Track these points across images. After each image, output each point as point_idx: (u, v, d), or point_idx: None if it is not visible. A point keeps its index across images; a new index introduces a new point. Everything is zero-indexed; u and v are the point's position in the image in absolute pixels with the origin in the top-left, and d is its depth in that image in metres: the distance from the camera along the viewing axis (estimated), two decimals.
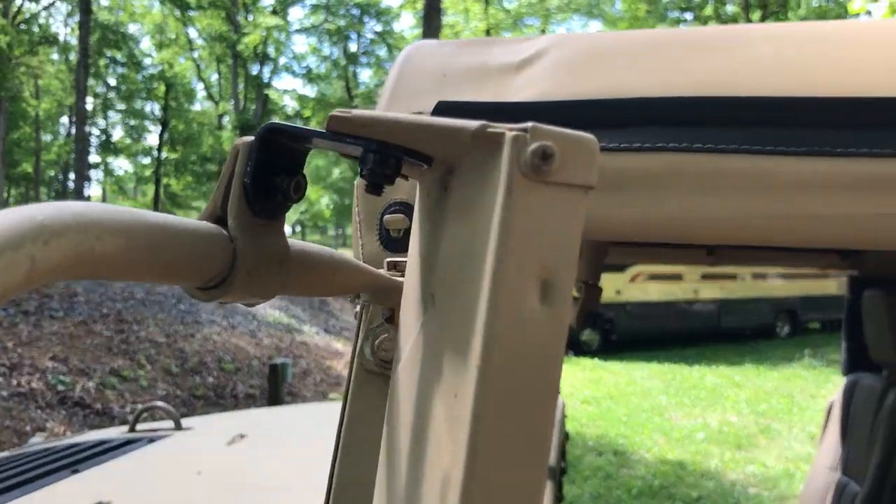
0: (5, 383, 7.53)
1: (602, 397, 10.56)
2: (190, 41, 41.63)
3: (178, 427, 2.73)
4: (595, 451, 7.91)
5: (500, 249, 0.31)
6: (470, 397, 0.33)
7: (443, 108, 0.68)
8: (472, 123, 0.34)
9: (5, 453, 2.63)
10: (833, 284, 16.97)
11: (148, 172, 45.89)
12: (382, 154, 0.38)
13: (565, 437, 2.92)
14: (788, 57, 0.67)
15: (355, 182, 0.71)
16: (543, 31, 31.72)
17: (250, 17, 36.80)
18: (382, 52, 40.25)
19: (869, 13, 7.12)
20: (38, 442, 3.10)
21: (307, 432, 2.74)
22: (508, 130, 0.33)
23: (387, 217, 0.68)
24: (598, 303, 1.86)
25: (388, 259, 0.61)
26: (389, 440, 0.49)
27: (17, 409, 7.10)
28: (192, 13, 38.95)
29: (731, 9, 22.55)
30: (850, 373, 2.98)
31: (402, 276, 0.56)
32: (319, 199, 45.63)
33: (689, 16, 23.34)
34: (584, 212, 0.33)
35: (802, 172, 0.62)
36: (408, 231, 0.70)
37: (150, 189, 46.73)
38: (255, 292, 0.40)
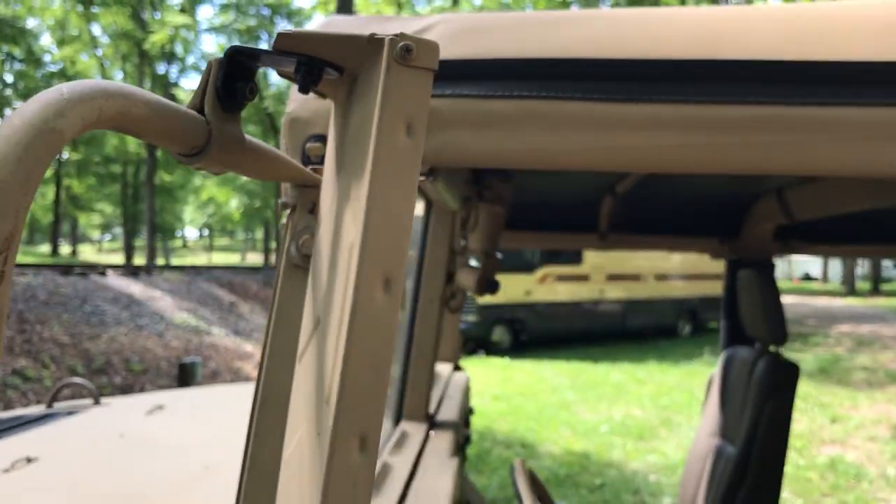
0: None
1: (512, 394, 10.85)
2: (94, 38, 40.38)
3: (97, 403, 2.81)
4: (504, 444, 8.16)
5: (382, 109, 0.50)
6: (353, 271, 0.51)
7: None
8: (366, 34, 0.53)
9: None
10: None
11: (48, 173, 44.24)
12: (309, 66, 0.56)
13: (469, 410, 3.12)
14: (614, 29, 0.88)
15: (282, 120, 0.88)
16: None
17: (157, 15, 36.00)
18: None
19: None
20: None
21: (222, 403, 2.86)
22: (387, 36, 0.52)
23: (308, 145, 0.86)
24: (495, 271, 2.07)
25: (310, 167, 0.78)
26: (307, 316, 0.66)
27: None
28: (95, 9, 37.82)
29: None
30: (728, 347, 3.29)
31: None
32: (229, 201, 44.91)
33: None
34: (431, 85, 0.52)
35: (620, 114, 0.83)
36: (324, 156, 0.87)
37: (50, 190, 45.06)
38: (223, 162, 0.57)
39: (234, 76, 0.56)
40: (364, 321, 0.49)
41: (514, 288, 15.20)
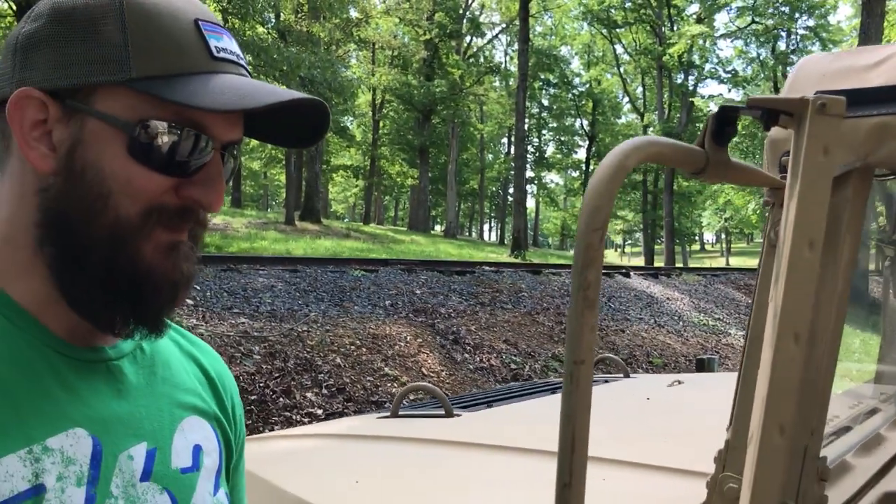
0: (471, 359, 9.02)
1: None
2: (616, 57, 43.35)
3: (627, 376, 3.37)
4: None
5: (808, 141, 0.81)
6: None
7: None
8: (811, 97, 0.84)
9: (501, 386, 3.50)
10: None
11: (577, 185, 48.75)
12: (768, 114, 0.89)
13: None
14: None
15: (765, 142, 1.21)
16: None
17: (675, 28, 37.15)
18: (815, 47, 37.79)
19: None
20: (517, 384, 3.99)
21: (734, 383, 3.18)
22: (811, 98, 0.82)
23: (783, 159, 1.17)
24: None
25: (781, 175, 1.10)
26: (774, 273, 0.99)
27: (480, 380, 8.48)
28: (618, 30, 40.55)
29: None
30: None
31: None
32: (746, 204, 44.24)
33: None
34: (840, 124, 0.82)
35: None
36: None
37: (578, 201, 49.46)
38: (717, 176, 0.94)
39: (722, 123, 0.92)
40: (794, 268, 0.81)
41: None
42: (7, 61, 0.82)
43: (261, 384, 6.88)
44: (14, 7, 16.12)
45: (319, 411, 6.79)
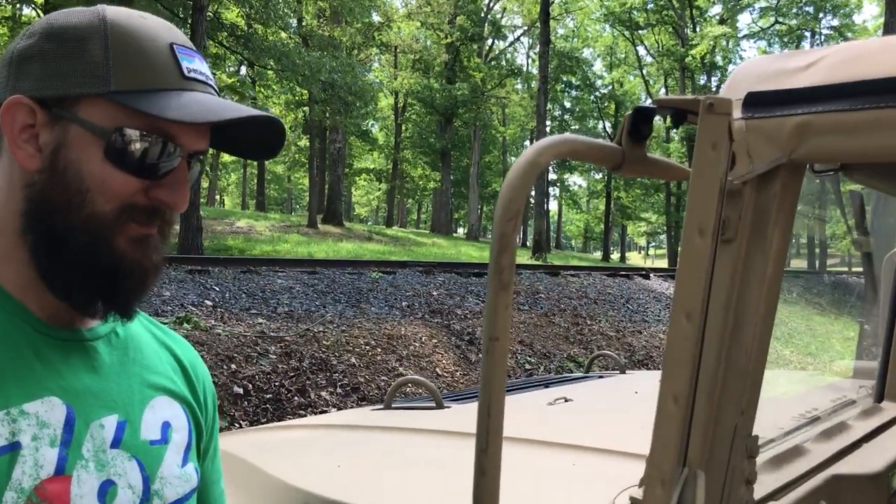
0: None
1: None
2: (639, 58, 43.19)
3: (623, 372, 3.44)
4: None
5: (699, 136, 0.89)
6: None
7: (749, 96, 1.23)
8: (702, 98, 0.92)
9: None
10: None
11: (599, 187, 48.63)
12: (676, 114, 0.98)
13: None
14: None
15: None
16: None
17: (697, 29, 36.98)
18: None
19: None
20: (518, 381, 4.07)
21: None
22: (701, 98, 0.91)
23: None
24: None
25: None
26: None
27: None
28: (640, 32, 40.43)
29: None
30: None
31: None
32: None
33: None
34: (727, 123, 0.90)
35: None
36: None
37: (601, 203, 49.34)
38: (633, 171, 1.02)
39: (638, 122, 1.01)
40: (686, 253, 0.90)
41: None
42: (2, 72, 0.93)
43: (276, 383, 7.01)
44: (42, 14, 16.47)
45: (333, 410, 6.90)
